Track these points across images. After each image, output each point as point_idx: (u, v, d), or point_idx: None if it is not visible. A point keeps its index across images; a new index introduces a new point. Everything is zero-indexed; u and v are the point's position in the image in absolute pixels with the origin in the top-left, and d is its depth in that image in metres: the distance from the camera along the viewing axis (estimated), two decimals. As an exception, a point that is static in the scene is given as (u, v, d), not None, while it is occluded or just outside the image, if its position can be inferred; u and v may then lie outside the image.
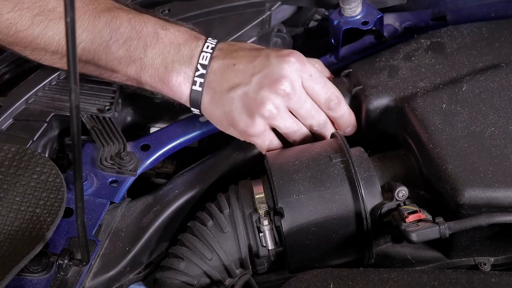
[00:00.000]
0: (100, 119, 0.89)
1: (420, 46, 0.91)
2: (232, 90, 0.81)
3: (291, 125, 0.84)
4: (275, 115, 0.81)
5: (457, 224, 0.70)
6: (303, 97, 0.83)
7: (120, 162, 0.84)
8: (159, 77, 0.83)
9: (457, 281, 0.64)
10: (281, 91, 0.81)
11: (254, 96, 0.81)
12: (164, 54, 0.83)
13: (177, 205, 0.86)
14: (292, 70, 0.81)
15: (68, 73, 0.52)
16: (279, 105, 0.81)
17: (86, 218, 0.79)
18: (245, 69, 0.82)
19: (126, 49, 0.83)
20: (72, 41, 0.50)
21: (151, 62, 0.83)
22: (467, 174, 0.72)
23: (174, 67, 0.83)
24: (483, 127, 0.77)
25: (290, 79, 0.81)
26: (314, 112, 0.84)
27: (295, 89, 0.81)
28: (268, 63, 0.82)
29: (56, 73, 0.92)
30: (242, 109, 0.81)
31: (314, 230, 0.76)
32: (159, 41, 0.83)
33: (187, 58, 0.83)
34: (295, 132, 0.84)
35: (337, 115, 0.86)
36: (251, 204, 0.80)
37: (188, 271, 0.79)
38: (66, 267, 0.73)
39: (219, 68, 0.82)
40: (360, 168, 0.78)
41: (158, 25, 0.84)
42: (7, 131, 0.87)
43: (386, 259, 0.80)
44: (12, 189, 0.75)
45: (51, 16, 0.83)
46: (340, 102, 0.85)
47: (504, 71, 0.83)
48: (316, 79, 0.83)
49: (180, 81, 0.83)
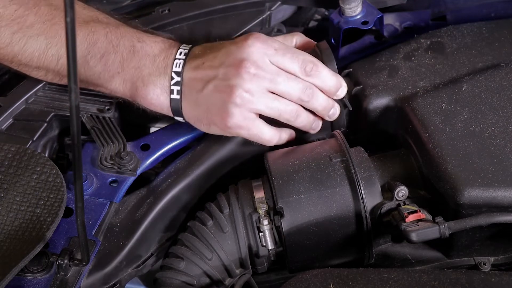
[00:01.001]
0: (100, 119, 0.89)
1: (420, 46, 0.91)
2: (205, 88, 0.80)
3: (274, 105, 0.80)
4: (250, 100, 0.79)
5: (457, 224, 0.70)
6: (274, 72, 0.80)
7: (120, 162, 0.84)
8: (137, 91, 0.83)
9: (457, 281, 0.64)
10: (247, 74, 0.78)
11: (223, 87, 0.79)
12: (141, 68, 0.82)
13: (171, 194, 0.85)
14: (253, 51, 0.79)
15: (68, 73, 0.52)
16: (250, 88, 0.79)
17: (86, 218, 0.79)
18: (212, 64, 0.81)
19: (104, 64, 0.83)
20: (72, 41, 0.50)
21: (128, 76, 0.83)
22: (467, 174, 0.72)
23: (150, 80, 0.82)
24: (483, 127, 0.77)
25: (252, 59, 0.79)
26: (293, 82, 0.81)
27: (262, 68, 0.79)
28: (229, 51, 0.80)
29: (56, 73, 0.92)
30: (217, 104, 0.80)
31: (314, 230, 0.76)
32: (135, 55, 0.83)
33: (162, 69, 0.82)
34: (284, 111, 0.81)
35: (319, 80, 0.82)
36: (251, 204, 0.80)
37: (188, 271, 0.79)
38: (66, 267, 0.73)
39: (192, 71, 0.81)
40: (360, 168, 0.78)
41: (135, 37, 0.84)
42: (7, 131, 0.87)
43: (386, 259, 0.80)
44: (12, 189, 0.75)
45: (29, 33, 0.82)
46: (317, 65, 0.82)
47: (504, 71, 0.83)
48: (282, 51, 0.81)
49: (158, 93, 0.82)
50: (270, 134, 0.83)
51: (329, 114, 0.85)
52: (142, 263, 0.84)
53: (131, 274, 0.82)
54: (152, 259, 0.86)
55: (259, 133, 0.82)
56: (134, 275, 0.83)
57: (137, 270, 0.83)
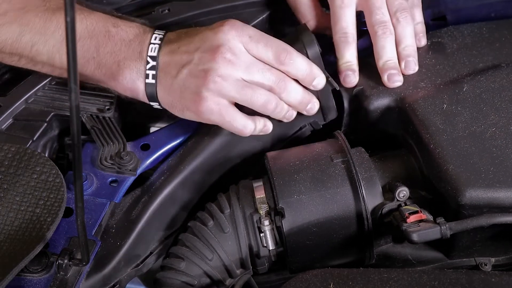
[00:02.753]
0: (100, 119, 0.89)
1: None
2: (179, 72, 0.80)
3: (246, 92, 0.80)
4: (223, 85, 0.78)
5: (458, 224, 0.70)
6: (248, 60, 0.80)
7: (120, 162, 0.84)
8: (112, 75, 0.83)
9: (457, 281, 0.64)
10: (222, 59, 0.78)
11: (197, 72, 0.79)
12: (116, 52, 0.82)
13: (166, 192, 0.85)
14: (229, 37, 0.79)
15: (68, 73, 0.52)
16: (224, 74, 0.78)
17: (86, 218, 0.79)
18: (187, 49, 0.80)
19: (79, 50, 0.82)
20: (72, 41, 0.50)
21: (104, 61, 0.82)
22: (468, 175, 0.72)
23: (126, 64, 0.82)
24: (484, 127, 0.77)
25: (228, 45, 0.79)
26: (267, 72, 0.80)
27: (237, 54, 0.79)
28: (205, 37, 0.80)
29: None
30: (191, 88, 0.79)
31: (315, 230, 0.76)
32: (110, 39, 0.82)
33: (137, 53, 0.82)
34: (256, 99, 0.80)
35: (293, 68, 0.81)
36: (252, 204, 0.80)
37: (189, 271, 0.79)
38: (66, 267, 0.72)
39: (167, 55, 0.81)
40: (361, 168, 0.78)
41: (110, 22, 0.83)
42: (7, 131, 0.86)
43: (387, 259, 0.80)
44: (12, 189, 0.75)
45: (2, 21, 0.82)
46: (291, 53, 0.81)
47: (505, 71, 0.83)
48: (257, 39, 0.80)
49: (134, 77, 0.82)
50: (242, 122, 0.82)
51: (306, 109, 0.85)
52: (141, 262, 0.84)
53: (130, 274, 0.82)
54: (151, 258, 0.85)
55: (231, 120, 0.81)
56: (134, 274, 0.83)
57: (137, 270, 0.83)
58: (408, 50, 0.87)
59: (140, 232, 0.82)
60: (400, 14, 0.87)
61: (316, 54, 0.84)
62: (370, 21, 0.87)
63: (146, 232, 0.83)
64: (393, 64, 0.86)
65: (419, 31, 0.91)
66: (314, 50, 0.83)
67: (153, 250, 0.85)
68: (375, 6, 0.87)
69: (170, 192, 0.85)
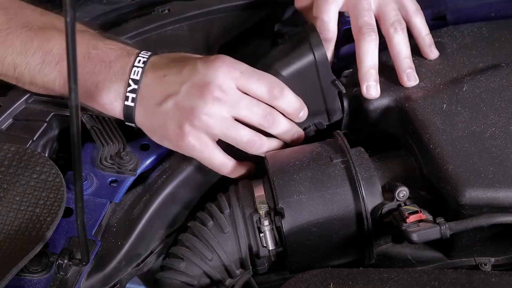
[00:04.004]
0: (100, 119, 0.89)
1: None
2: (164, 102, 0.79)
3: (230, 132, 0.80)
4: (208, 123, 0.78)
5: (458, 224, 0.70)
6: (236, 97, 0.79)
7: (120, 162, 0.84)
8: (90, 96, 0.82)
9: (457, 280, 0.64)
10: (210, 97, 0.78)
11: (183, 106, 0.78)
12: (95, 73, 0.82)
13: (167, 191, 0.84)
14: (220, 74, 0.78)
15: (68, 72, 0.52)
16: (210, 112, 0.78)
17: (86, 217, 0.79)
18: (175, 79, 0.80)
19: (59, 71, 0.83)
20: (72, 40, 0.50)
21: (82, 82, 0.82)
22: (468, 175, 0.72)
23: (104, 85, 0.81)
24: (484, 127, 0.77)
25: (217, 83, 0.78)
26: (255, 107, 0.80)
27: (226, 92, 0.78)
28: (195, 71, 0.79)
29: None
30: (174, 120, 0.79)
31: (314, 230, 0.76)
32: (90, 61, 0.82)
33: (119, 75, 0.81)
34: (240, 140, 0.80)
35: (284, 103, 0.81)
36: (251, 204, 0.80)
37: (188, 271, 0.79)
38: (66, 267, 0.72)
39: (151, 81, 0.81)
40: (361, 168, 0.78)
41: (90, 44, 0.83)
42: (7, 131, 0.87)
43: (387, 259, 0.80)
44: (11, 189, 0.75)
45: None
46: (283, 89, 0.81)
47: (505, 71, 0.83)
48: (249, 74, 0.80)
49: (111, 99, 0.82)
50: (221, 161, 0.82)
51: (293, 139, 0.85)
52: (142, 262, 0.84)
53: (131, 273, 0.82)
54: (152, 257, 0.85)
55: (210, 157, 0.81)
56: (134, 274, 0.82)
57: (138, 269, 0.83)
58: (408, 61, 0.86)
59: (141, 231, 0.82)
60: (399, 24, 0.86)
61: (323, 56, 0.83)
62: (357, 23, 0.86)
63: (147, 231, 0.83)
64: (374, 73, 0.85)
65: (430, 43, 0.89)
66: (321, 52, 0.83)
67: (154, 249, 0.85)
68: (363, 8, 0.86)
69: (171, 191, 0.85)
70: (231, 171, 0.84)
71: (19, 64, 0.83)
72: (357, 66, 0.86)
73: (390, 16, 0.86)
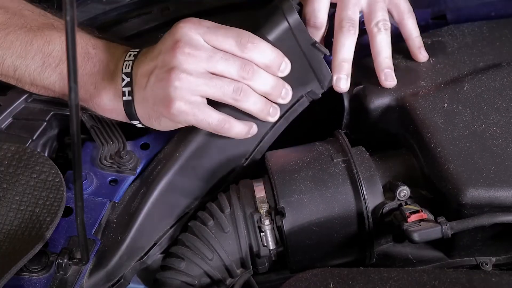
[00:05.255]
0: (100, 118, 0.88)
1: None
2: (148, 81, 0.78)
3: (214, 83, 0.76)
4: (189, 80, 0.75)
5: (459, 224, 0.70)
6: (209, 51, 0.77)
7: (120, 161, 0.84)
8: (91, 97, 0.82)
9: (458, 280, 0.64)
10: (181, 54, 0.75)
11: (162, 74, 0.77)
12: (94, 74, 0.82)
13: (164, 180, 0.83)
14: (185, 31, 0.77)
15: (68, 72, 0.52)
16: (187, 68, 0.75)
17: (86, 217, 0.79)
18: (152, 56, 0.79)
19: (59, 73, 0.82)
20: (71, 40, 0.50)
21: (82, 83, 0.82)
22: (469, 174, 0.72)
23: (103, 85, 0.81)
24: (485, 126, 0.77)
25: (185, 40, 0.76)
26: (230, 59, 0.77)
27: (197, 47, 0.76)
28: (164, 39, 0.79)
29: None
30: (160, 93, 0.77)
31: (315, 229, 0.76)
32: (89, 61, 0.82)
33: (114, 73, 0.81)
34: (227, 89, 0.77)
35: (256, 53, 0.78)
36: (252, 203, 0.80)
37: (189, 271, 0.78)
38: (65, 266, 0.72)
39: (138, 69, 0.80)
40: (362, 167, 0.78)
41: (90, 44, 0.83)
42: (7, 130, 0.86)
43: (388, 259, 0.80)
44: (11, 188, 0.75)
45: None
46: (253, 38, 0.78)
47: (506, 70, 0.83)
48: (215, 28, 0.78)
49: (111, 98, 0.81)
50: (218, 118, 0.78)
51: (281, 96, 0.81)
52: (145, 254, 0.83)
53: (135, 267, 0.81)
54: (156, 249, 0.84)
55: (206, 117, 0.78)
56: (138, 267, 0.81)
57: (141, 262, 0.82)
58: (387, 61, 0.86)
59: (141, 224, 0.81)
60: (383, 24, 0.86)
61: (297, 21, 0.81)
62: (340, 15, 0.85)
63: (147, 224, 0.82)
64: (347, 67, 0.84)
65: (419, 45, 0.89)
66: (294, 17, 0.80)
67: (157, 241, 0.84)
68: (351, 2, 0.85)
69: (168, 181, 0.83)
70: (232, 127, 0.80)
71: (19, 67, 0.83)
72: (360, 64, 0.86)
73: (377, 15, 0.86)
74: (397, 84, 0.85)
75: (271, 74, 0.80)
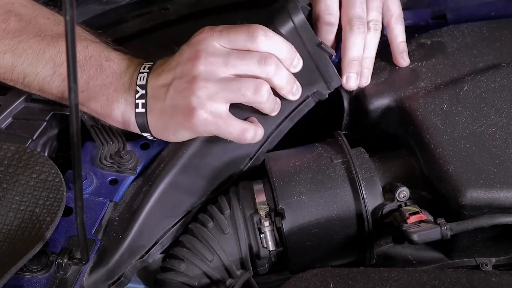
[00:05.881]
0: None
1: (421, 45, 0.91)
2: (167, 93, 0.78)
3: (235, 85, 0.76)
4: (210, 88, 0.75)
5: (459, 225, 0.70)
6: (225, 52, 0.76)
7: (120, 161, 0.84)
8: (102, 109, 0.82)
9: (458, 280, 0.64)
10: (201, 63, 0.75)
11: (183, 86, 0.76)
12: (106, 85, 0.81)
13: (167, 179, 0.82)
14: (200, 41, 0.77)
15: (68, 72, 0.52)
16: (208, 76, 0.75)
17: (86, 217, 0.79)
18: (169, 68, 0.79)
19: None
20: (71, 39, 0.50)
21: (93, 94, 0.81)
22: (469, 175, 0.72)
23: (115, 97, 0.81)
24: (485, 127, 0.77)
25: (202, 49, 0.76)
26: (247, 55, 0.76)
27: (213, 52, 0.76)
28: (182, 50, 0.79)
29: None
30: (181, 104, 0.77)
31: (315, 231, 0.76)
32: (102, 73, 0.81)
33: (128, 85, 0.81)
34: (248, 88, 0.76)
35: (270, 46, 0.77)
36: (252, 205, 0.80)
37: (189, 272, 0.79)
38: (65, 266, 0.72)
39: (154, 81, 0.80)
40: (361, 168, 0.78)
41: (103, 56, 0.83)
42: (7, 130, 0.87)
43: (387, 259, 0.80)
44: (11, 188, 0.75)
45: None
46: (266, 30, 0.77)
47: (505, 71, 0.83)
48: (227, 29, 0.77)
49: (122, 110, 0.81)
50: (240, 128, 0.78)
51: (293, 91, 0.81)
52: (146, 253, 0.82)
53: (136, 266, 0.81)
54: (157, 247, 0.83)
55: (227, 127, 0.77)
56: (139, 266, 0.81)
57: (142, 261, 0.81)
58: (369, 61, 0.86)
59: (143, 222, 0.81)
60: (374, 25, 0.85)
61: (302, 21, 0.80)
62: (348, 14, 0.84)
63: (149, 222, 0.81)
64: (357, 65, 0.84)
65: (402, 50, 0.88)
66: (299, 17, 0.80)
67: (158, 240, 0.83)
68: (358, 0, 0.84)
69: (170, 180, 0.83)
70: (254, 134, 0.80)
71: (29, 74, 0.82)
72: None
73: (371, 15, 0.86)
74: (396, 85, 0.85)
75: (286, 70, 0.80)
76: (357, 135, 0.89)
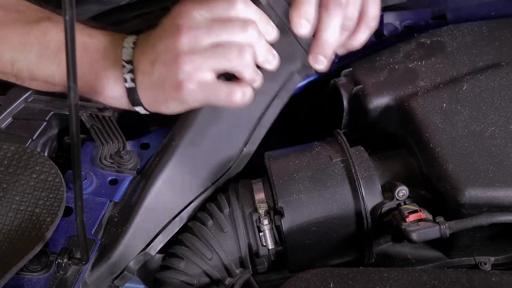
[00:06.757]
0: (100, 118, 0.89)
1: (420, 45, 0.91)
2: (153, 67, 0.77)
3: (220, 50, 0.75)
4: (195, 60, 0.75)
5: (458, 223, 0.70)
6: (206, 23, 0.75)
7: (120, 161, 0.84)
8: (92, 87, 0.81)
9: (457, 280, 0.64)
10: (184, 36, 0.74)
11: (168, 60, 0.76)
12: (92, 63, 0.81)
13: (163, 171, 0.82)
14: (182, 14, 0.76)
15: (68, 71, 0.52)
16: (192, 48, 0.75)
17: (86, 217, 0.79)
18: (153, 42, 0.78)
19: (58, 64, 0.82)
20: (71, 39, 0.50)
21: (81, 73, 0.78)
22: (468, 174, 0.72)
23: (102, 74, 0.81)
24: (484, 126, 0.77)
25: (184, 20, 0.75)
26: (228, 24, 0.75)
27: (195, 24, 0.75)
28: (164, 25, 0.78)
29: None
30: (168, 77, 0.76)
31: (314, 229, 0.76)
32: (86, 51, 0.81)
33: (113, 61, 0.80)
34: (233, 52, 0.75)
35: (249, 12, 0.76)
36: (251, 203, 0.80)
37: (188, 270, 0.79)
38: (65, 266, 0.72)
39: (139, 56, 0.79)
40: (361, 167, 0.78)
41: (85, 33, 0.83)
42: (7, 130, 0.86)
43: (386, 258, 0.80)
44: (11, 189, 0.75)
45: None
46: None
47: (505, 70, 0.83)
48: (205, 1, 0.76)
49: (112, 85, 0.80)
50: (227, 91, 0.77)
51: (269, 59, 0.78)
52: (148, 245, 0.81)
53: (138, 259, 0.80)
54: (159, 239, 0.82)
55: (215, 93, 0.76)
56: (142, 259, 0.80)
57: (145, 253, 0.81)
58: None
59: (143, 215, 0.80)
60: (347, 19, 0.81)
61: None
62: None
63: (148, 215, 0.81)
64: (331, 48, 0.80)
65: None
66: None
67: (159, 232, 0.82)
68: None
69: (167, 172, 0.82)
70: (242, 95, 0.77)
71: (17, 60, 0.83)
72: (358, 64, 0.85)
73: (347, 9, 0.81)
74: (396, 84, 0.85)
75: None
76: (357, 134, 0.89)
